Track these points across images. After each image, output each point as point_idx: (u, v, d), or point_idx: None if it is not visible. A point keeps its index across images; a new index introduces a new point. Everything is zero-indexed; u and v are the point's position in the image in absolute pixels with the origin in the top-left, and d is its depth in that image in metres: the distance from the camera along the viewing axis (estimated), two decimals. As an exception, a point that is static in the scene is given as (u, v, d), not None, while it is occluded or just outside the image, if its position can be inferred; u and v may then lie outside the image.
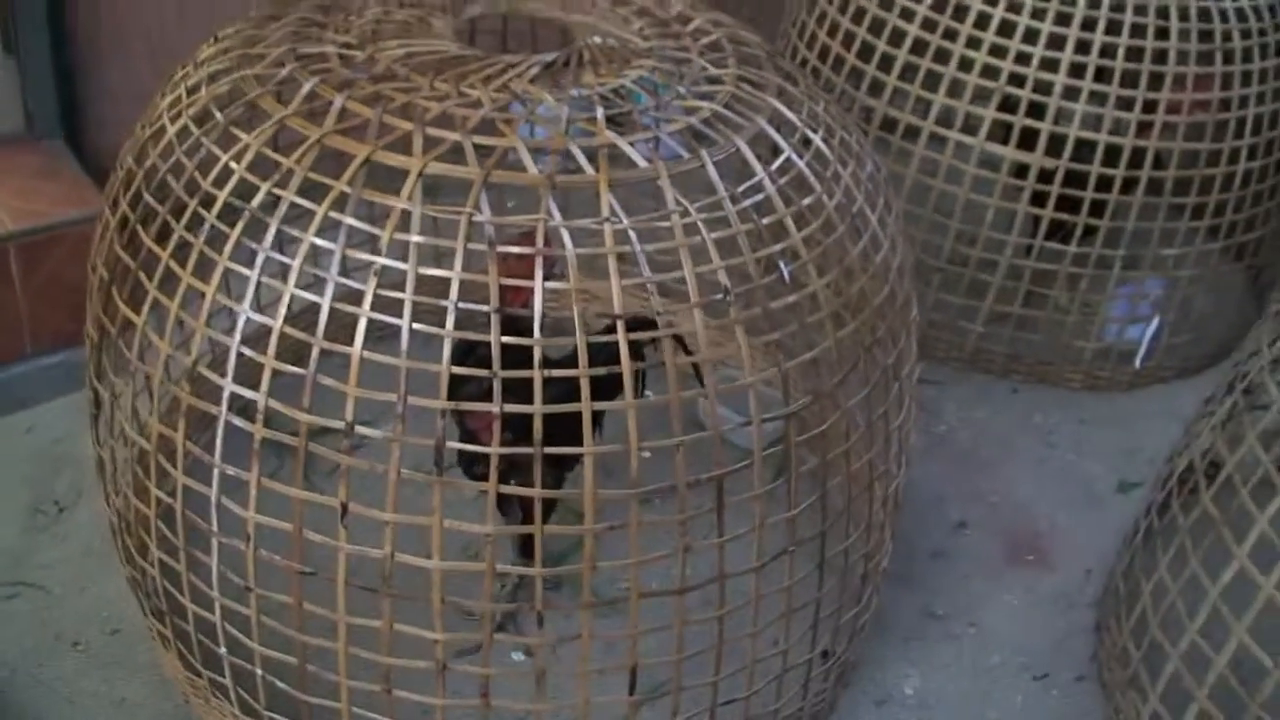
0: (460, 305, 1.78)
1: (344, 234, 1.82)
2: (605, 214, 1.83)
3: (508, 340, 1.77)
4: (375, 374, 1.79)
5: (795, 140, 2.06)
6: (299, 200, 1.86)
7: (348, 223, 1.83)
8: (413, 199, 1.81)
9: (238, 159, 1.94)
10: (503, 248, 1.81)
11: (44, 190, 3.05)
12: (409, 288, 1.79)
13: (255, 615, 1.98)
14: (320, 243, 1.83)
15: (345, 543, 1.85)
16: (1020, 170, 3.14)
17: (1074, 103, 3.03)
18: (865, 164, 2.16)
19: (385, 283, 1.80)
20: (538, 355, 1.77)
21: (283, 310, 1.83)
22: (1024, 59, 3.04)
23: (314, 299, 1.82)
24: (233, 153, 1.95)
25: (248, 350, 1.85)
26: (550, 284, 1.81)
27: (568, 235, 1.82)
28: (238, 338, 1.86)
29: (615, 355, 1.79)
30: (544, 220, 1.82)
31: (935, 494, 2.89)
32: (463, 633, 1.97)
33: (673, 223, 1.86)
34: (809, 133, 2.08)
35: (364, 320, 1.79)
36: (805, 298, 1.96)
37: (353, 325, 1.80)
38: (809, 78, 2.35)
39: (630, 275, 1.82)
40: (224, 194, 1.92)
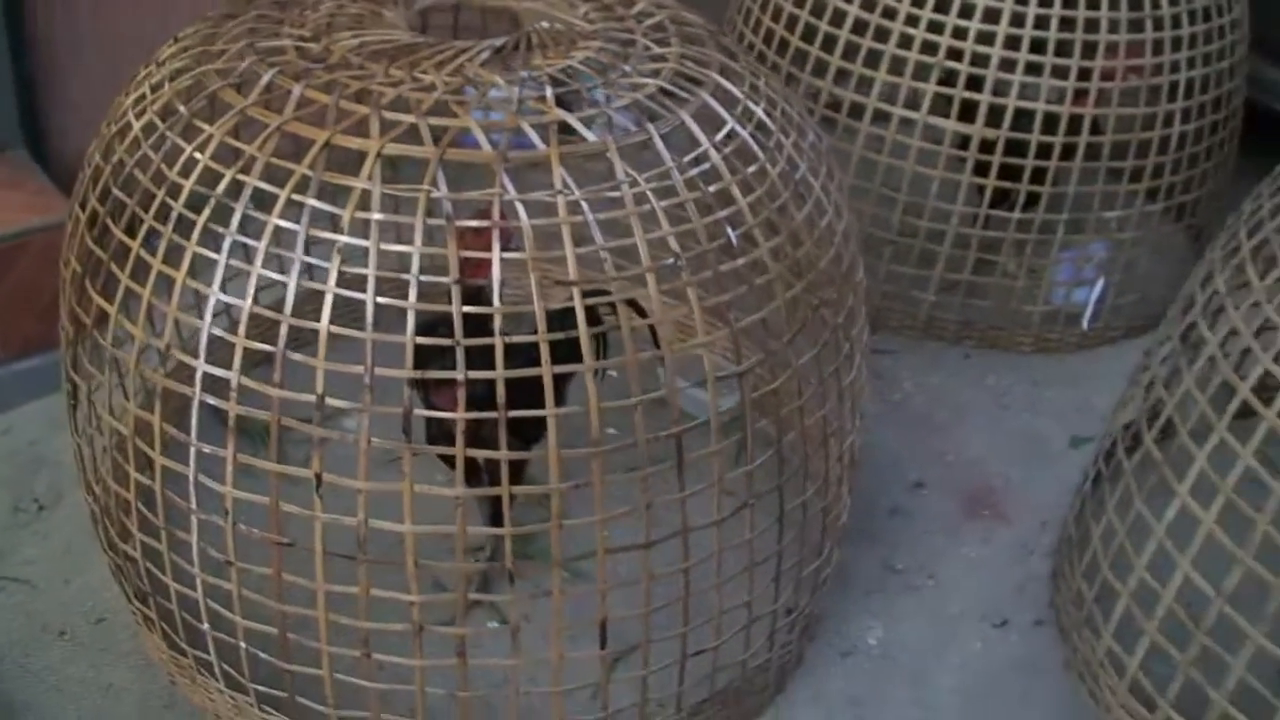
0: (422, 278, 1.86)
1: (307, 214, 1.90)
2: (558, 187, 1.91)
3: (469, 310, 1.85)
4: (348, 353, 1.86)
5: (738, 112, 2.14)
6: (262, 185, 1.93)
7: (310, 204, 1.90)
8: (372, 178, 1.89)
9: (201, 149, 2.01)
10: (461, 222, 1.89)
11: (9, 199, 3.11)
12: (371, 263, 1.86)
13: (236, 589, 2.05)
14: (284, 224, 1.90)
15: (321, 513, 1.93)
16: (963, 142, 3.23)
17: (1011, 74, 3.11)
18: (806, 134, 2.24)
19: (349, 260, 1.87)
20: (498, 322, 1.85)
21: (251, 289, 1.91)
22: (961, 33, 3.12)
23: (280, 278, 1.89)
24: (196, 143, 2.03)
25: (219, 330, 1.93)
26: (507, 254, 1.88)
27: (522, 208, 1.90)
28: (208, 318, 1.93)
29: (574, 323, 1.87)
30: (499, 195, 1.89)
31: (893, 456, 2.97)
32: (438, 594, 2.04)
33: (623, 193, 1.94)
34: (750, 105, 2.17)
35: (330, 296, 1.87)
36: (753, 262, 2.04)
37: (320, 304, 1.88)
38: (750, 54, 2.43)
39: (585, 247, 1.90)
40: (189, 183, 1.99)
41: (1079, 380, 3.29)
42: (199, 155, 2.01)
